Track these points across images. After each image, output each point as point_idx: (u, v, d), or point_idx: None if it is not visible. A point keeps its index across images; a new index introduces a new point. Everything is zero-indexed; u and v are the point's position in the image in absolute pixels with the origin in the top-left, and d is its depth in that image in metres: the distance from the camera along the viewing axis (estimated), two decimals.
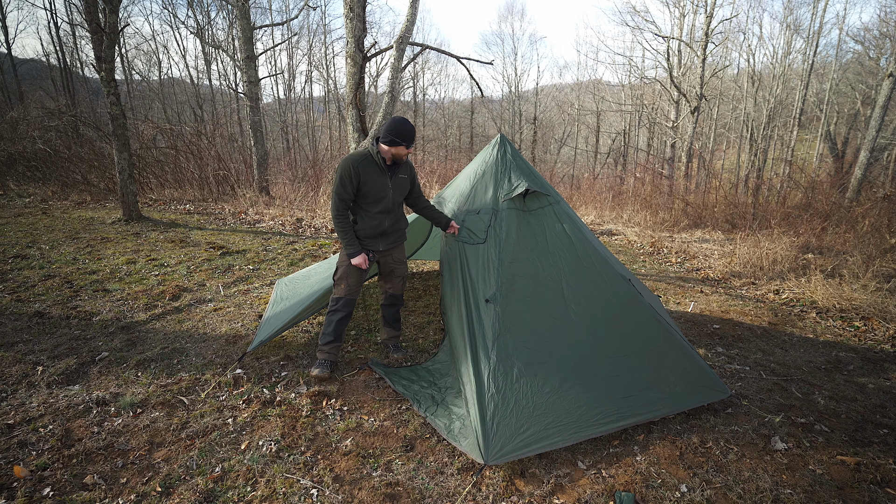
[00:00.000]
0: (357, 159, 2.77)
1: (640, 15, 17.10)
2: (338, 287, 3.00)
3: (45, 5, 26.71)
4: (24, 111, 11.33)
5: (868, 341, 3.86)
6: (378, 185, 2.85)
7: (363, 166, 2.77)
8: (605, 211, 10.65)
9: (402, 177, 2.97)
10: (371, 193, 2.84)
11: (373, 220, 2.91)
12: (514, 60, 28.16)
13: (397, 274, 3.24)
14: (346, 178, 2.76)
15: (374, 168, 2.82)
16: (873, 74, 18.71)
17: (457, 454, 2.29)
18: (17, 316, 3.72)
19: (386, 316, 3.37)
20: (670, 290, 5.16)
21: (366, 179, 2.79)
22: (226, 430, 2.42)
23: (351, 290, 2.98)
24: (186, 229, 7.17)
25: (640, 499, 2.03)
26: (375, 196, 2.86)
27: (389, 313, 3.35)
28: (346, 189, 2.77)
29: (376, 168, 2.83)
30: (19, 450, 2.22)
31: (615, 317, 2.69)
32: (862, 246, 6.18)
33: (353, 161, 2.76)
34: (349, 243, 2.84)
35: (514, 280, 2.64)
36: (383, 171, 2.86)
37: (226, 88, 22.00)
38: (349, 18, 5.22)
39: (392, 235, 3.04)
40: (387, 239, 3.01)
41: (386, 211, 2.93)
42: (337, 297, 3.00)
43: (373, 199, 2.86)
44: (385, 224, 2.95)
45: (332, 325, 2.98)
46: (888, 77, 9.08)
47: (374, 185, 2.83)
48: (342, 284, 2.98)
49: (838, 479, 2.18)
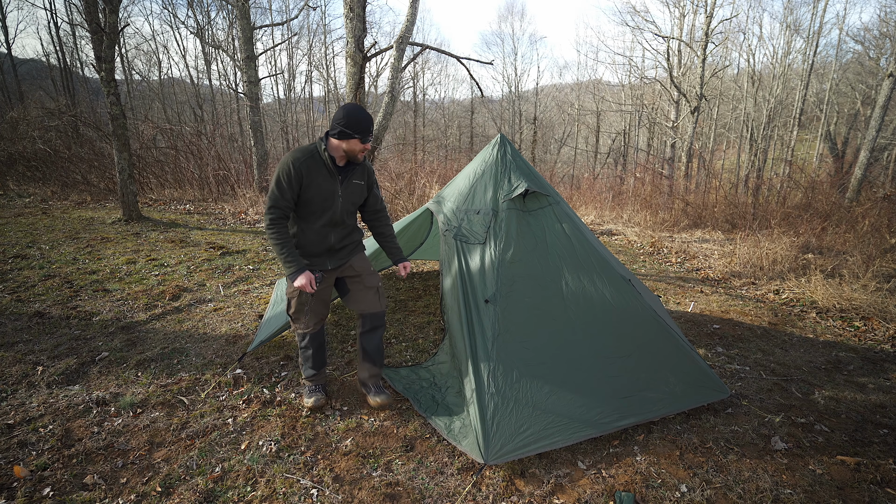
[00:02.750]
0: (300, 157, 2.23)
1: (640, 15, 17.12)
2: (297, 323, 2.49)
3: (45, 5, 26.72)
4: (24, 111, 11.33)
5: (868, 341, 3.86)
6: (324, 192, 2.29)
7: (306, 166, 2.24)
8: (605, 211, 10.64)
9: (357, 182, 2.41)
10: (315, 201, 2.29)
11: (316, 235, 2.35)
12: (514, 60, 28.18)
13: (368, 284, 2.54)
14: (285, 179, 2.21)
15: (320, 169, 2.27)
16: (873, 74, 18.71)
17: (457, 454, 2.29)
18: (17, 316, 3.72)
19: (366, 347, 2.62)
20: (670, 290, 5.16)
21: (309, 183, 2.25)
22: (226, 430, 2.42)
23: (315, 322, 2.51)
24: (186, 229, 7.17)
25: (640, 499, 2.03)
26: (320, 205, 2.31)
27: (370, 343, 2.61)
28: (284, 194, 2.22)
29: (324, 169, 2.28)
30: (19, 450, 2.22)
31: (615, 317, 2.69)
32: (862, 246, 6.18)
33: (294, 159, 2.22)
34: (288, 260, 2.25)
35: (513, 280, 2.64)
36: (332, 174, 2.30)
37: (226, 88, 22.01)
38: (349, 18, 5.22)
39: (341, 252, 2.47)
40: (335, 256, 2.45)
41: (333, 224, 2.37)
42: (302, 334, 2.52)
43: (317, 209, 2.32)
44: (331, 239, 2.39)
45: (309, 360, 2.58)
46: (888, 77, 9.08)
47: (318, 191, 2.28)
48: (301, 320, 2.47)
49: (838, 479, 2.18)
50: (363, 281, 2.54)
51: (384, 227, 2.66)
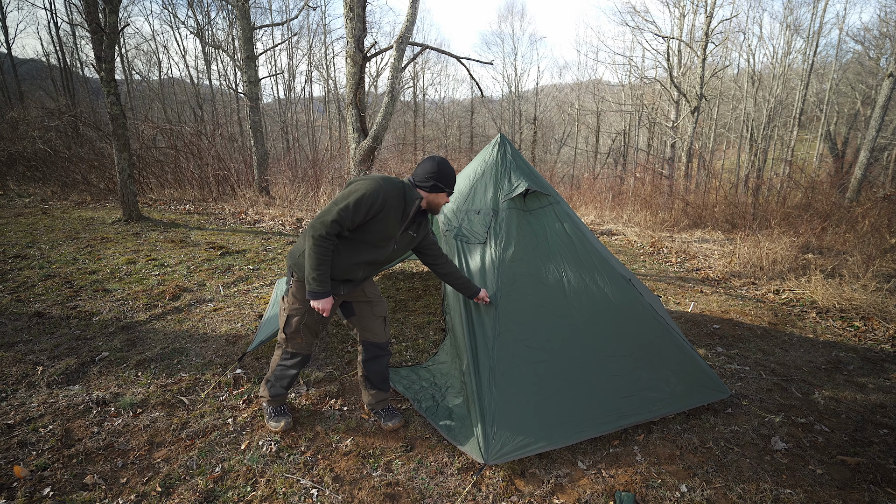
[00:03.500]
0: (392, 192, 2.12)
1: (640, 15, 17.10)
2: (292, 342, 2.36)
3: (45, 5, 26.72)
4: (24, 111, 11.33)
5: (868, 341, 3.86)
6: (386, 233, 2.19)
7: (392, 203, 2.13)
8: (605, 211, 10.65)
9: (411, 234, 2.32)
10: (371, 238, 2.18)
11: (349, 265, 2.22)
12: (514, 60, 28.16)
13: (377, 313, 2.45)
14: (367, 204, 2.06)
15: (398, 212, 2.18)
16: (873, 74, 18.71)
17: (457, 454, 2.29)
18: (17, 316, 3.72)
19: (370, 375, 2.50)
20: (670, 290, 5.16)
21: (381, 219, 2.13)
22: (226, 430, 2.42)
23: (310, 344, 2.40)
24: (186, 229, 7.17)
25: (640, 499, 2.03)
26: (374, 244, 2.20)
27: (373, 370, 2.49)
28: (356, 216, 2.07)
29: (401, 213, 2.19)
30: (19, 450, 2.22)
31: (616, 317, 2.69)
32: (862, 246, 6.19)
33: (387, 191, 2.10)
34: (321, 279, 2.10)
35: (514, 279, 2.64)
36: (403, 220, 2.21)
37: (226, 88, 22.01)
38: (349, 18, 5.22)
39: (356, 284, 2.35)
40: (349, 286, 2.32)
41: (371, 263, 2.27)
42: (291, 353, 2.38)
43: (369, 246, 2.20)
44: (359, 275, 2.29)
45: (285, 380, 2.42)
46: (888, 77, 9.08)
47: (382, 231, 2.17)
48: (298, 339, 2.35)
49: (838, 479, 2.18)
50: (372, 309, 2.44)
51: (446, 266, 2.52)
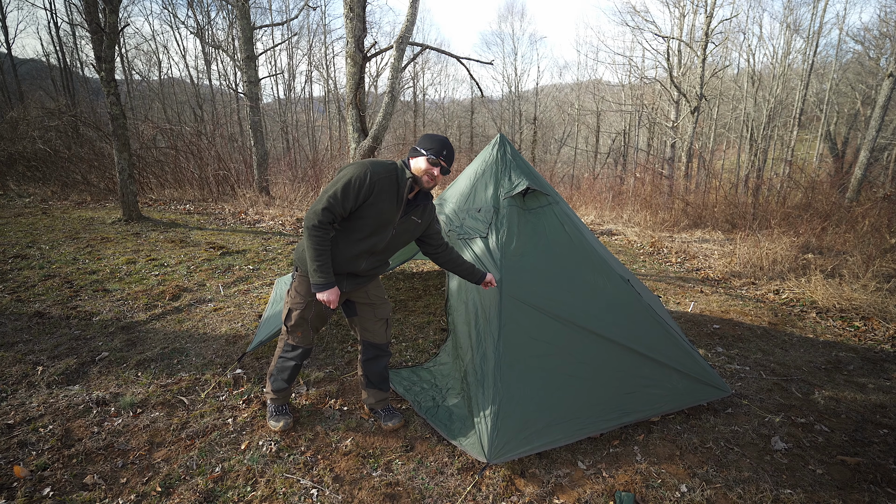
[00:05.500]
0: (379, 172, 2.06)
1: (640, 15, 17.08)
2: (293, 335, 2.33)
3: (45, 5, 26.71)
4: (24, 111, 11.33)
5: (868, 341, 3.86)
6: (382, 218, 2.11)
7: (381, 184, 2.06)
8: (605, 211, 10.65)
9: (415, 220, 2.24)
10: (367, 223, 2.11)
11: (349, 256, 2.16)
12: (514, 60, 28.16)
13: (379, 316, 2.41)
14: (355, 187, 2.01)
15: (391, 193, 2.10)
16: (873, 74, 18.71)
17: (457, 454, 2.29)
18: (17, 316, 3.72)
19: (369, 375, 2.48)
20: (670, 290, 5.16)
21: (374, 202, 2.07)
22: (226, 430, 2.42)
23: (310, 337, 2.37)
24: (186, 229, 7.17)
25: (640, 499, 2.03)
26: (371, 229, 2.12)
27: (373, 370, 2.47)
28: (346, 202, 2.02)
29: (394, 195, 2.11)
30: (19, 450, 2.22)
31: (617, 315, 2.69)
32: (862, 246, 6.19)
33: (374, 171, 2.04)
34: (322, 270, 2.05)
35: (518, 273, 2.63)
36: (398, 203, 2.13)
37: (226, 88, 22.02)
38: (349, 18, 5.22)
39: (361, 278, 2.29)
40: (354, 281, 2.26)
41: (371, 252, 2.19)
42: (293, 345, 2.35)
43: (365, 232, 2.13)
44: (361, 265, 2.20)
45: (286, 372, 2.40)
46: (888, 77, 9.08)
47: (377, 215, 2.10)
48: (299, 332, 2.32)
49: (838, 479, 2.18)
50: (375, 311, 2.40)
51: (449, 254, 2.42)
